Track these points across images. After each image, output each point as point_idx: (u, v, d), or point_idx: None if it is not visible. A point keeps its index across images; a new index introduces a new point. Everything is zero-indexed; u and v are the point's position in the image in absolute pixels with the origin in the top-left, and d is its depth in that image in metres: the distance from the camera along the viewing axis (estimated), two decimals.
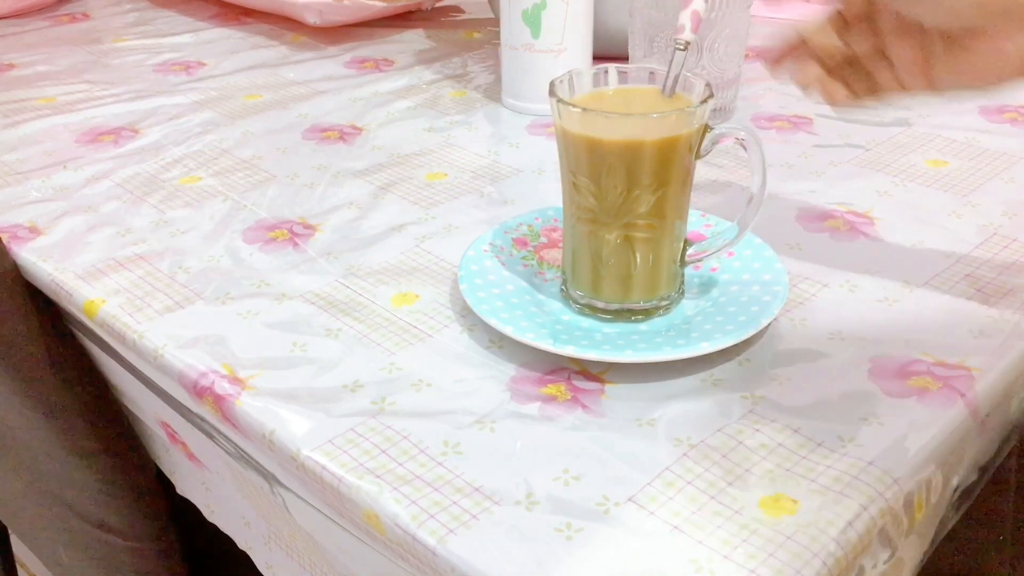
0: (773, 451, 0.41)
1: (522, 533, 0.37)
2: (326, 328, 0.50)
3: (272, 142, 0.73)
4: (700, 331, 0.47)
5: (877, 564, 0.39)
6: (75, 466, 0.65)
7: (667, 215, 0.48)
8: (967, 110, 0.75)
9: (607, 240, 0.48)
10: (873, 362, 0.46)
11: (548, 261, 0.54)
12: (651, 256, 0.49)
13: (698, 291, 0.52)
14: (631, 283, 0.49)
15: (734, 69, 0.73)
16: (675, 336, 0.48)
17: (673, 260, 0.50)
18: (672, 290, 0.50)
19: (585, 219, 0.48)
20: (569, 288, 0.51)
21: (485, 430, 0.43)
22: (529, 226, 0.57)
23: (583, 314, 0.50)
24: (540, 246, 0.55)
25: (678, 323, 0.49)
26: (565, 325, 0.49)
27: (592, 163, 0.47)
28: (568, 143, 0.47)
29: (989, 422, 0.45)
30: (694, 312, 0.50)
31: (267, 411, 0.44)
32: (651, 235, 0.48)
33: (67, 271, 0.56)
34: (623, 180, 0.46)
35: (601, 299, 0.50)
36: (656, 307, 0.50)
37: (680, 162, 0.47)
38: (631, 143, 0.46)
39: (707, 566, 0.36)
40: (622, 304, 0.49)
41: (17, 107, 0.81)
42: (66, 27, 1.03)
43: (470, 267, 0.52)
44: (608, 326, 0.49)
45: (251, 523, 0.55)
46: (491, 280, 0.51)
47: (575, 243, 0.50)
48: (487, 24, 1.01)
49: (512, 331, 0.47)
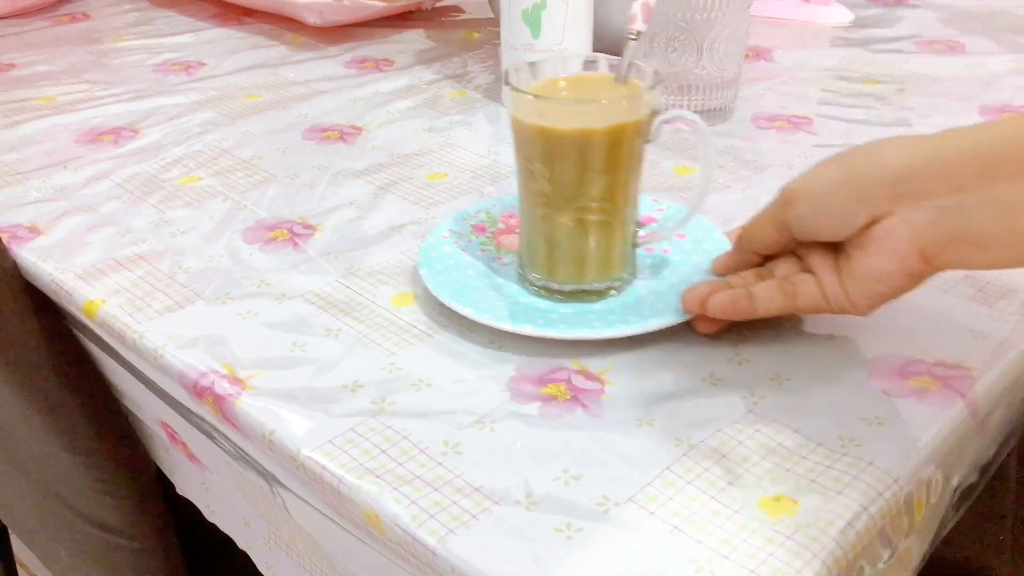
0: (773, 451, 0.41)
1: (522, 533, 0.37)
2: (326, 328, 0.50)
3: (272, 142, 0.73)
4: (652, 309, 0.49)
5: (877, 564, 0.40)
6: (75, 466, 0.65)
7: (618, 199, 0.50)
8: (967, 110, 0.75)
9: (561, 223, 0.50)
10: (873, 362, 0.46)
11: (506, 246, 0.56)
12: (604, 238, 0.50)
13: (651, 272, 0.53)
14: (585, 265, 0.51)
15: (734, 69, 0.73)
16: (628, 314, 0.49)
17: (625, 242, 0.51)
18: (625, 271, 0.52)
19: (540, 204, 0.50)
20: (526, 271, 0.52)
21: (485, 430, 0.43)
22: (487, 213, 0.58)
23: (540, 296, 0.52)
24: (498, 232, 0.57)
25: (631, 302, 0.51)
26: (522, 306, 0.51)
27: (545, 149, 0.48)
28: (522, 130, 0.49)
29: (989, 422, 0.45)
30: (647, 292, 0.52)
31: (267, 411, 0.44)
32: (603, 218, 0.50)
33: (67, 271, 0.56)
34: (575, 165, 0.48)
35: (556, 281, 0.51)
36: (610, 288, 0.51)
37: (630, 147, 0.48)
38: (582, 129, 0.47)
39: (707, 566, 0.36)
40: (577, 285, 0.51)
41: (17, 107, 0.81)
42: (66, 27, 1.03)
43: (430, 253, 0.54)
44: (564, 306, 0.51)
45: (251, 523, 0.55)
46: (450, 265, 0.53)
47: (531, 227, 0.51)
48: (487, 24, 1.01)
49: (471, 312, 0.48)
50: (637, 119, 0.48)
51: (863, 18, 0.97)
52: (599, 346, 0.48)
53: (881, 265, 0.43)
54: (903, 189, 0.41)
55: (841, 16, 0.97)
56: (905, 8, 1.01)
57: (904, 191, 0.41)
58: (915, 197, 0.41)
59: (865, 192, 0.42)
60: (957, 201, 0.40)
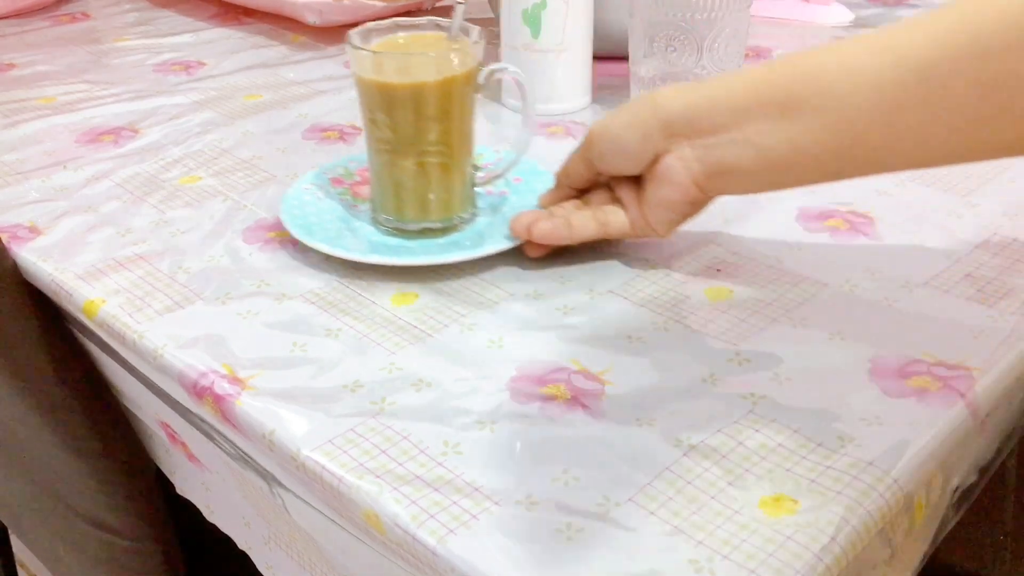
0: (773, 451, 0.41)
1: (522, 533, 0.37)
2: (326, 328, 0.50)
3: (272, 142, 0.73)
4: (488, 240, 0.56)
5: (877, 564, 0.40)
6: (75, 466, 0.65)
7: (454, 143, 0.56)
8: None
9: (405, 167, 0.56)
10: (873, 362, 0.46)
11: (362, 196, 0.61)
12: (444, 180, 0.57)
13: (491, 211, 0.60)
14: (429, 204, 0.57)
15: (734, 69, 0.73)
16: (468, 244, 0.56)
17: (464, 183, 0.58)
18: (466, 211, 0.58)
19: (384, 150, 0.56)
20: (377, 213, 0.58)
21: (485, 430, 0.43)
22: (345, 168, 0.64)
23: (391, 235, 0.58)
24: (355, 183, 0.63)
25: (472, 235, 0.57)
26: (374, 244, 0.57)
27: (385, 101, 0.54)
28: (364, 85, 0.55)
29: (989, 422, 0.45)
30: (486, 227, 0.58)
31: (267, 411, 0.44)
32: (442, 160, 0.56)
33: (67, 271, 0.56)
34: (412, 114, 0.54)
35: (404, 220, 0.57)
36: (453, 225, 0.58)
37: (461, 96, 0.55)
38: (416, 82, 0.53)
39: (707, 566, 0.36)
40: (422, 224, 0.57)
41: (17, 107, 0.81)
42: (66, 27, 1.03)
43: (291, 202, 0.59)
44: (412, 242, 0.57)
45: (251, 523, 0.55)
46: (310, 211, 0.59)
47: (378, 173, 0.57)
48: (487, 24, 1.01)
49: (327, 247, 0.54)
50: (465, 71, 0.54)
51: (863, 18, 0.97)
52: (599, 346, 0.48)
53: (667, 195, 0.51)
54: (675, 130, 0.49)
55: (841, 16, 0.97)
56: (905, 8, 1.01)
57: (676, 131, 0.49)
58: (685, 136, 0.49)
59: (647, 133, 0.50)
60: (716, 140, 0.48)
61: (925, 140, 0.44)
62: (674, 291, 0.53)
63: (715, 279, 0.54)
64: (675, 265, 0.55)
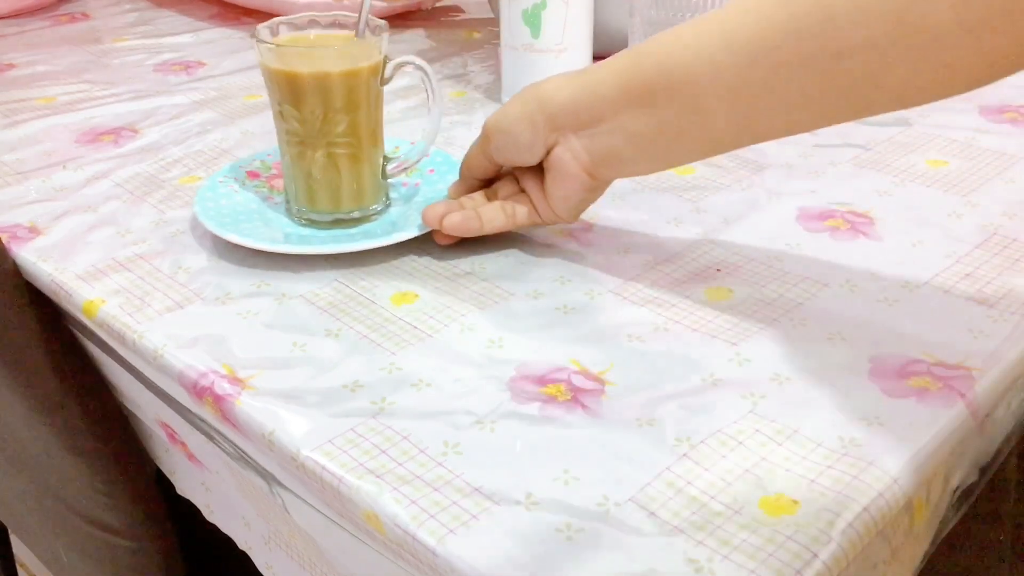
0: (773, 451, 0.41)
1: (522, 533, 0.37)
2: (326, 328, 0.50)
3: (272, 142, 0.73)
4: (399, 228, 0.57)
5: (877, 564, 0.39)
6: (75, 466, 0.65)
7: (362, 134, 0.57)
8: (967, 109, 0.75)
9: (314, 159, 0.57)
10: (873, 362, 0.46)
11: (278, 188, 0.63)
12: (354, 170, 0.58)
13: (404, 201, 0.61)
14: (340, 195, 0.58)
15: None
16: (380, 233, 0.57)
17: (375, 174, 0.59)
18: (378, 201, 0.60)
19: (294, 142, 0.57)
20: (291, 205, 0.60)
21: (485, 430, 0.43)
22: (261, 162, 0.66)
23: (305, 226, 0.59)
24: (271, 176, 0.64)
25: (385, 225, 0.59)
26: (288, 234, 0.58)
27: (292, 93, 0.55)
28: (271, 77, 0.56)
29: (989, 422, 0.45)
30: (398, 217, 0.60)
31: (267, 411, 0.44)
32: (350, 151, 0.57)
33: (67, 271, 0.56)
34: (320, 106, 0.55)
35: (317, 211, 0.58)
36: (366, 215, 0.59)
37: (366, 88, 0.56)
38: (321, 74, 0.54)
39: (707, 566, 0.36)
40: (335, 214, 0.58)
41: (17, 107, 0.81)
42: (66, 27, 1.03)
43: (206, 195, 0.60)
44: (325, 233, 0.58)
45: (251, 523, 0.55)
46: (224, 204, 0.60)
47: (289, 165, 0.58)
48: (487, 24, 1.01)
49: (237, 238, 0.55)
50: (371, 64, 0.56)
51: None
52: (599, 346, 0.48)
53: (563, 184, 0.53)
54: (561, 122, 0.51)
55: None
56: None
57: (562, 124, 0.51)
58: (571, 128, 0.51)
59: (536, 126, 0.52)
60: (596, 130, 0.50)
61: (768, 116, 0.46)
62: (674, 291, 0.53)
63: (715, 279, 0.54)
64: (675, 265, 0.55)
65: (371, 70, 0.56)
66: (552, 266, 0.55)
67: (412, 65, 0.57)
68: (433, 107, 0.59)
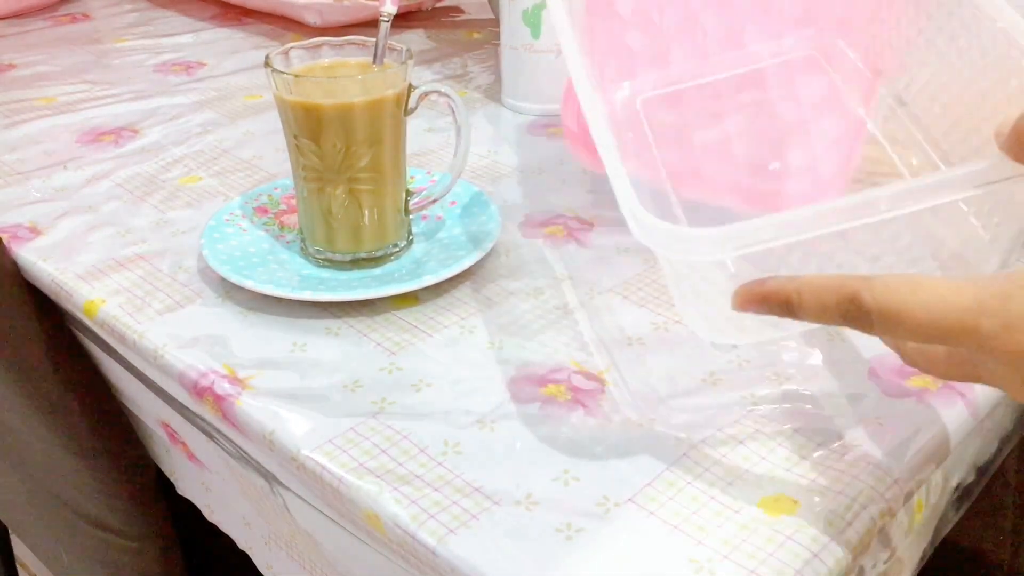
0: (773, 451, 0.41)
1: (522, 533, 0.37)
2: (326, 328, 0.50)
3: (272, 142, 0.73)
4: (426, 269, 0.53)
5: (877, 564, 0.40)
6: (75, 466, 0.65)
7: (385, 168, 0.53)
8: None
9: (334, 195, 0.53)
10: (873, 362, 0.46)
11: (289, 225, 0.58)
12: (376, 207, 0.54)
13: (426, 237, 0.57)
14: (361, 234, 0.54)
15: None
16: (405, 275, 0.53)
17: (397, 210, 0.55)
18: (400, 238, 0.56)
19: (311, 178, 0.53)
20: (307, 245, 0.55)
21: (485, 430, 0.43)
22: (269, 196, 0.61)
23: (322, 267, 0.55)
24: (280, 212, 0.60)
25: (409, 265, 0.55)
26: (304, 277, 0.53)
27: (310, 125, 0.51)
28: (287, 109, 0.52)
29: (988, 422, 0.45)
30: (422, 255, 0.55)
31: (267, 411, 0.44)
32: (373, 187, 0.53)
33: (67, 271, 0.56)
34: (341, 139, 0.51)
35: (336, 251, 0.55)
36: (388, 254, 0.55)
37: (390, 119, 0.52)
38: (344, 103, 0.51)
39: (707, 566, 0.36)
40: (355, 254, 0.55)
41: (17, 107, 0.81)
42: (66, 27, 1.03)
43: (213, 235, 0.56)
44: (345, 275, 0.54)
45: (251, 523, 0.55)
46: (233, 245, 0.55)
47: (306, 202, 0.54)
48: (487, 24, 1.01)
49: (252, 284, 0.51)
50: (395, 92, 0.52)
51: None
52: (599, 346, 0.48)
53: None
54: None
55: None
56: None
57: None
58: None
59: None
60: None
61: None
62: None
63: None
64: None
65: (396, 99, 0.52)
66: (552, 266, 0.55)
67: (438, 93, 0.53)
68: (461, 140, 0.55)
